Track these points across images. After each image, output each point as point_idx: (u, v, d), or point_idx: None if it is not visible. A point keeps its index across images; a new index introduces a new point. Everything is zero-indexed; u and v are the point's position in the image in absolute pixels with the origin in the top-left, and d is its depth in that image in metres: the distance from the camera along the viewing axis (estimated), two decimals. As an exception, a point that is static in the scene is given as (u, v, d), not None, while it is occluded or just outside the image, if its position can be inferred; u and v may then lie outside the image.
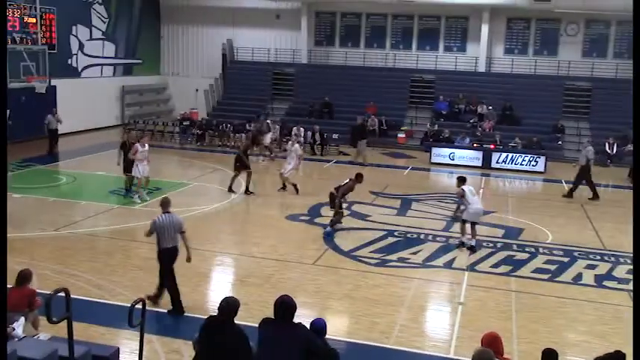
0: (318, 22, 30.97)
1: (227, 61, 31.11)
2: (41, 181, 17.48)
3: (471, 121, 26.32)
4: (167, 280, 9.21)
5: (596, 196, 17.81)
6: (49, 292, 5.50)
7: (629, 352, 5.81)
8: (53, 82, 20.97)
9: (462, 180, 13.05)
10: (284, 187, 17.31)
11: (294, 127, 24.79)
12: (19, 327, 7.02)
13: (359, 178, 14.23)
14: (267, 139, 23.41)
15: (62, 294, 5.35)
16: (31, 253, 11.44)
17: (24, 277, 7.65)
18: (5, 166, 3.68)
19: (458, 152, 23.10)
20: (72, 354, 5.40)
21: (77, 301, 7.14)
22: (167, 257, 9.16)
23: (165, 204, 9.47)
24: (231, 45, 31.35)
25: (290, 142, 17.94)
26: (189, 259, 9.34)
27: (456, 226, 14.40)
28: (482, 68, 28.72)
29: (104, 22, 28.69)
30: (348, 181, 14.17)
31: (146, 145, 15.70)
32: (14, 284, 7.62)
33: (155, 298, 9.34)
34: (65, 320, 5.35)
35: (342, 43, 30.79)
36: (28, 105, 21.57)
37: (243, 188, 17.02)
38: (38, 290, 7.87)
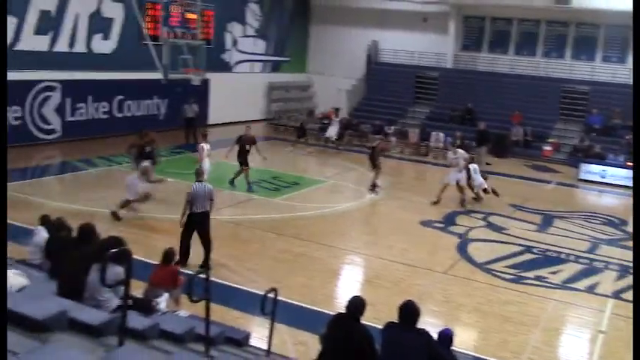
0: (466, 27, 30.26)
1: (371, 62, 31.29)
2: (191, 168, 18.43)
3: (627, 137, 24.44)
4: (207, 240, 10.46)
5: None
6: (191, 273, 5.82)
7: None
8: (207, 75, 22.21)
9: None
10: (477, 197, 16.86)
11: (434, 133, 24.46)
12: (162, 302, 7.52)
13: (386, 138, 17.49)
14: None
15: (203, 275, 5.62)
16: (177, 234, 12.18)
17: (170, 255, 8.19)
18: (5, 166, 3.91)
19: (610, 170, 21.51)
20: (208, 333, 5.66)
21: (215, 284, 7.51)
22: (195, 221, 10.40)
23: (199, 174, 10.72)
24: (377, 46, 31.48)
25: (452, 151, 17.34)
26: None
27: (602, 249, 13.53)
28: (643, 81, 26.58)
29: (257, 20, 29.97)
30: (379, 142, 16.90)
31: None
32: (160, 262, 8.17)
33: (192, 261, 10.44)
34: (204, 301, 5.62)
35: (489, 48, 29.84)
36: (184, 96, 23.03)
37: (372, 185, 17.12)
38: (181, 269, 8.39)
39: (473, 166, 16.60)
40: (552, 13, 27.52)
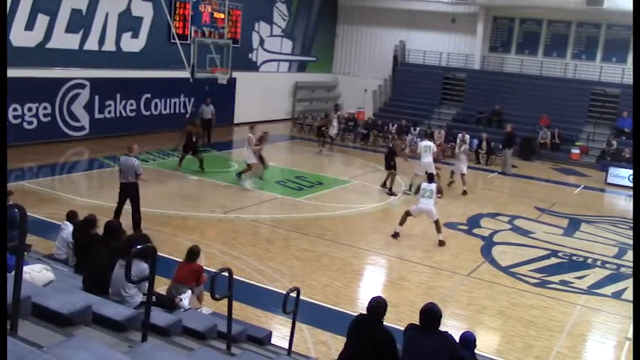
0: (494, 28, 29.93)
1: (398, 63, 31.16)
2: (216, 166, 18.68)
3: (658, 141, 23.96)
4: (135, 208, 11.65)
5: None
6: (214, 270, 5.86)
7: None
8: (234, 74, 22.36)
9: None
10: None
11: (460, 134, 24.26)
12: (185, 299, 7.59)
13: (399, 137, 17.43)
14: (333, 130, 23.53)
15: (226, 273, 5.65)
16: (201, 232, 12.32)
17: (194, 253, 8.24)
18: (5, 166, 3.94)
19: (639, 174, 21.16)
20: (230, 331, 5.70)
21: (238, 282, 7.56)
22: (124, 190, 11.64)
23: (129, 149, 11.80)
24: (404, 47, 31.34)
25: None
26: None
27: (629, 255, 13.29)
28: (676, 84, 25.99)
29: (284, 20, 30.05)
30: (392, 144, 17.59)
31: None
32: (184, 259, 8.24)
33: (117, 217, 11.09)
34: (226, 299, 5.65)
35: (518, 50, 29.49)
36: (211, 94, 23.17)
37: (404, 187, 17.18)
38: (205, 267, 8.45)
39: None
40: (583, 15, 27.11)
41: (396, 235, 13.12)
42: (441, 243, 12.90)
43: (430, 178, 13.65)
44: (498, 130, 25.28)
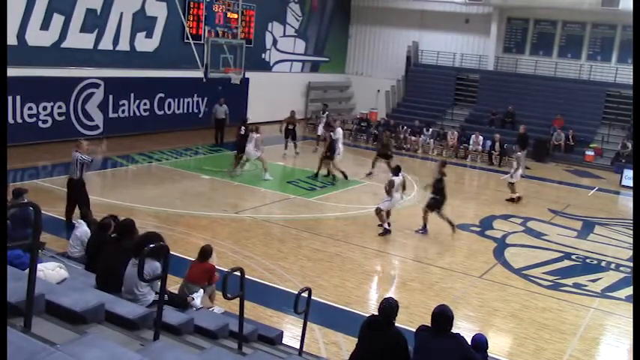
0: (508, 28, 29.79)
1: (411, 64, 31.09)
2: (228, 166, 18.72)
3: (674, 143, 23.75)
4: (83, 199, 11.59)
5: None
6: (226, 270, 5.87)
7: None
8: (247, 74, 22.41)
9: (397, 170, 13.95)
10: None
11: (473, 135, 24.19)
12: (197, 298, 7.61)
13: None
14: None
15: (237, 273, 5.66)
16: (213, 231, 12.36)
17: (206, 252, 8.26)
18: (5, 166, 3.95)
19: (654, 176, 20.97)
20: (241, 330, 5.71)
21: (250, 282, 7.57)
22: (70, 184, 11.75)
23: (77, 145, 11.92)
24: (417, 47, 31.26)
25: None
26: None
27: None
28: (693, 86, 25.75)
29: (297, 20, 30.07)
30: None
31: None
32: (197, 258, 8.27)
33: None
34: (238, 298, 5.66)
35: (532, 51, 29.32)
36: (224, 94, 23.21)
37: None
38: (217, 267, 8.47)
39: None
40: (598, 16, 26.91)
41: (386, 231, 13.27)
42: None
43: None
44: (512, 131, 25.15)
